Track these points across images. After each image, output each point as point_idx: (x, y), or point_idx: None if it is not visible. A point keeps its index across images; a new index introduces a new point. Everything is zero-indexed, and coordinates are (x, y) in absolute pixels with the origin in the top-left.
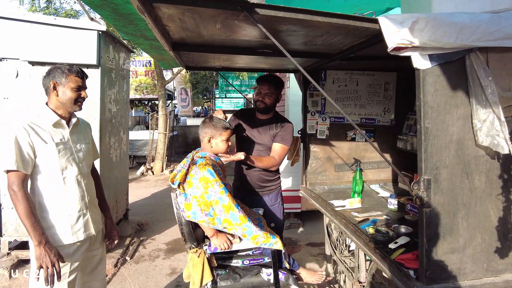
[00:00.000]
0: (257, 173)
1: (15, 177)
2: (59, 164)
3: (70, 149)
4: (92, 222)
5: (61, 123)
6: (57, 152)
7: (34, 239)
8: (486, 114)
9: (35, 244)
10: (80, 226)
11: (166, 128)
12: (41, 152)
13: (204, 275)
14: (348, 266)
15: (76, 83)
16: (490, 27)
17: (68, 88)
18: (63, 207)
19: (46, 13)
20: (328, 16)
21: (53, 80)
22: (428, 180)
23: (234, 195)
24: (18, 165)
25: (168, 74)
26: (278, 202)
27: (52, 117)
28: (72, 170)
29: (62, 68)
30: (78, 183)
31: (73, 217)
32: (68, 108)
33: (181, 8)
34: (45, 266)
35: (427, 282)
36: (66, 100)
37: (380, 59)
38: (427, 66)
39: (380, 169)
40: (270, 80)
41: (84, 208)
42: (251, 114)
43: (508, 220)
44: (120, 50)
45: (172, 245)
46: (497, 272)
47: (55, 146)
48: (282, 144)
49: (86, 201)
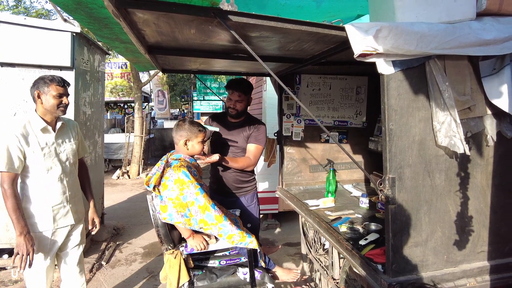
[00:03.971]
0: (232, 174)
1: (6, 177)
2: (44, 165)
3: (54, 152)
4: (73, 213)
5: (47, 128)
6: (43, 156)
7: (17, 230)
8: (444, 117)
9: (17, 234)
10: (60, 216)
11: (143, 131)
12: (29, 155)
13: (181, 275)
14: (323, 264)
15: (57, 91)
16: (446, 36)
17: (50, 96)
18: (47, 200)
19: (15, 12)
20: (298, 24)
21: (37, 90)
22: (392, 178)
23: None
24: (9, 167)
25: (144, 76)
26: (254, 203)
27: (40, 123)
28: (56, 170)
29: (45, 79)
30: (60, 180)
31: (54, 208)
32: (52, 114)
33: (156, 13)
34: (21, 253)
35: (393, 275)
36: (49, 107)
37: (350, 64)
38: (390, 72)
39: (352, 170)
40: (239, 87)
41: (65, 201)
42: (223, 118)
43: (465, 215)
44: (95, 52)
45: (149, 249)
46: (456, 263)
47: (41, 151)
48: (256, 144)
49: (67, 196)
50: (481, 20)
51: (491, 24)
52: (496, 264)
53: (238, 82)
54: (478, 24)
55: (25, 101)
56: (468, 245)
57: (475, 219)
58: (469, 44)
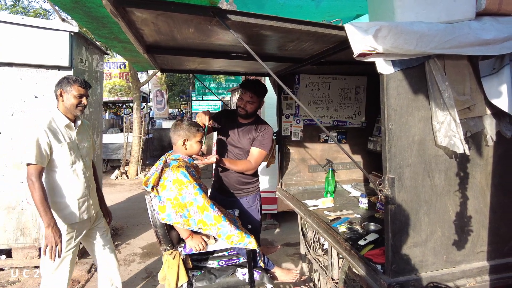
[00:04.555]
0: (235, 175)
1: (34, 170)
2: (70, 160)
3: (77, 147)
4: (94, 205)
5: (70, 125)
6: (68, 150)
7: (45, 222)
8: (444, 116)
9: (45, 226)
10: (85, 209)
11: (141, 131)
12: (56, 149)
13: (180, 276)
14: (322, 264)
15: (78, 92)
16: (445, 36)
17: (71, 95)
18: (72, 194)
19: (13, 11)
20: (297, 23)
21: (61, 88)
22: (392, 178)
23: (213, 195)
24: (37, 159)
25: (143, 76)
26: (256, 204)
27: (63, 120)
28: (79, 164)
29: (69, 79)
30: (84, 174)
31: (80, 201)
32: (72, 112)
33: (155, 12)
34: (50, 245)
35: (393, 275)
36: (69, 105)
37: (350, 63)
38: (390, 71)
39: (351, 170)
40: (253, 88)
41: (87, 194)
42: (234, 116)
43: (465, 215)
44: (94, 52)
45: (148, 249)
46: (455, 263)
47: (67, 145)
48: (260, 149)
49: (90, 189)
50: (480, 20)
51: (490, 24)
52: (495, 264)
53: (252, 83)
54: (477, 24)
55: (23, 101)
56: (468, 245)
57: (475, 219)
58: (469, 44)
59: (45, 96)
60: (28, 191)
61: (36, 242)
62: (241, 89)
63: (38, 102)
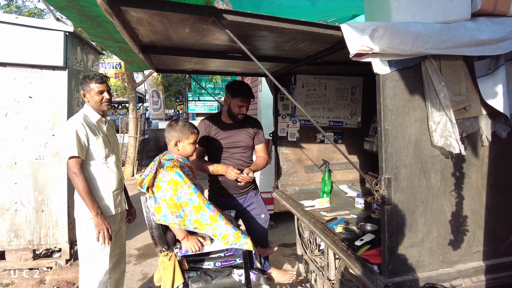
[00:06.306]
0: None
1: (76, 162)
2: (104, 153)
3: (108, 141)
4: (125, 199)
5: (102, 120)
6: (103, 143)
7: (93, 211)
8: (440, 117)
9: (94, 215)
10: (119, 202)
11: (137, 132)
12: (92, 142)
13: (175, 278)
14: (318, 265)
15: (98, 88)
16: (441, 36)
17: (93, 93)
18: (108, 186)
19: (7, 11)
20: (293, 23)
21: (83, 90)
22: (388, 179)
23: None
24: (78, 151)
25: (139, 76)
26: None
27: (95, 116)
28: (112, 158)
29: (86, 78)
30: (117, 167)
31: (114, 194)
32: (98, 109)
33: (150, 12)
34: (102, 231)
35: (389, 276)
36: (94, 103)
37: (346, 64)
38: (386, 72)
39: (348, 170)
40: (251, 93)
41: (120, 187)
42: (218, 119)
43: (461, 215)
44: (89, 52)
45: (144, 250)
46: (451, 263)
47: (101, 139)
48: (262, 144)
49: (123, 182)
50: (476, 20)
51: (485, 24)
52: (491, 264)
53: (249, 89)
54: (473, 24)
55: (17, 102)
56: (464, 245)
57: (471, 219)
58: (464, 44)
59: (39, 96)
60: (22, 193)
61: (30, 244)
62: (241, 97)
63: (32, 103)
